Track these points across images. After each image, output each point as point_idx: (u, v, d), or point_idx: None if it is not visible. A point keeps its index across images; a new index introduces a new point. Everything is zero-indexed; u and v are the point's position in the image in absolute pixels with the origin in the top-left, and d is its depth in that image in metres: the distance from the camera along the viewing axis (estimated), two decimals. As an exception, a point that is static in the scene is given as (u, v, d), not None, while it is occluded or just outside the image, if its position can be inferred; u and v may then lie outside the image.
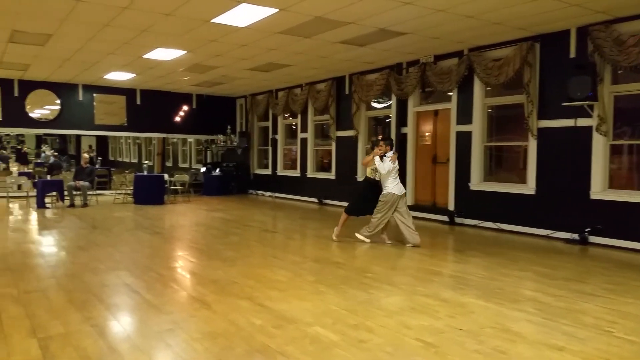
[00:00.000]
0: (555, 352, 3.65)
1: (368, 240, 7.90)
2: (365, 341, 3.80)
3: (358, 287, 5.35)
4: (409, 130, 11.26)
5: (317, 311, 4.49)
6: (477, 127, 9.84)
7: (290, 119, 15.89)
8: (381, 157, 7.72)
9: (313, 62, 11.37)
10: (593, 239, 8.00)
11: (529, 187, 8.94)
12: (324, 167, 14.68)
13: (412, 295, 5.07)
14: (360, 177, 12.64)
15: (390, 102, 11.82)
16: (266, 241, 8.59)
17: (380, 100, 12.39)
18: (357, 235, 8.00)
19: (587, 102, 7.80)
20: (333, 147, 13.62)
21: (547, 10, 7.42)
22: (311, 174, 14.63)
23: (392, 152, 7.80)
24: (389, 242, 7.95)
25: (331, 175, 13.75)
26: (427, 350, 3.66)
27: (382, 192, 7.76)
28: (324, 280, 5.63)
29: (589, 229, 8.02)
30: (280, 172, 16.03)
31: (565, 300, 4.94)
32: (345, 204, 12.81)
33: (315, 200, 14.17)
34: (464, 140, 10.03)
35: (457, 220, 10.07)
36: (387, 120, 12.49)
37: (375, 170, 7.82)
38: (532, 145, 8.85)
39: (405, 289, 5.31)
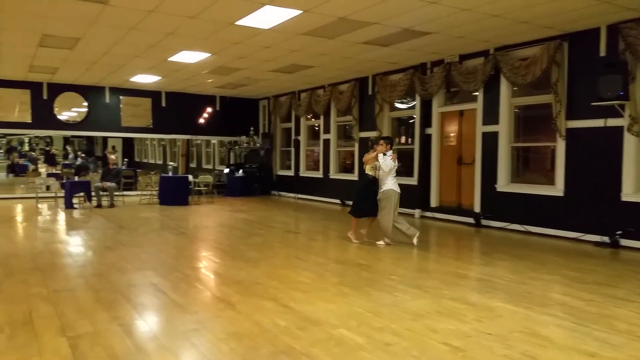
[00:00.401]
0: (587, 358, 3.56)
1: (391, 242, 7.85)
2: (391, 344, 3.76)
3: (383, 289, 5.32)
4: (433, 130, 11.16)
5: (341, 313, 4.47)
6: (503, 128, 9.70)
7: (313, 120, 15.90)
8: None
9: (336, 63, 11.35)
10: (625, 242, 7.81)
11: (557, 189, 8.77)
12: (346, 168, 14.65)
13: (438, 298, 5.01)
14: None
15: (414, 102, 11.74)
16: (289, 242, 8.60)
17: (404, 100, 12.31)
18: (379, 244, 7.92)
19: (617, 101, 7.61)
20: (356, 148, 13.58)
21: (576, 8, 7.27)
22: (334, 175, 14.61)
23: (392, 150, 7.87)
24: (366, 239, 8.01)
25: (354, 177, 13.70)
26: (455, 354, 3.61)
27: (382, 190, 7.76)
28: (347, 282, 5.60)
29: (620, 232, 7.83)
30: (303, 173, 16.05)
31: (597, 305, 4.82)
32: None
33: (337, 201, 14.14)
34: (490, 141, 9.89)
35: (483, 222, 9.93)
36: (410, 121, 12.40)
37: (375, 168, 7.86)
38: (561, 146, 8.68)
39: (431, 292, 5.25)
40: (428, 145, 11.22)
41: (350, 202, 7.59)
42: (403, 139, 13.08)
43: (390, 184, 7.71)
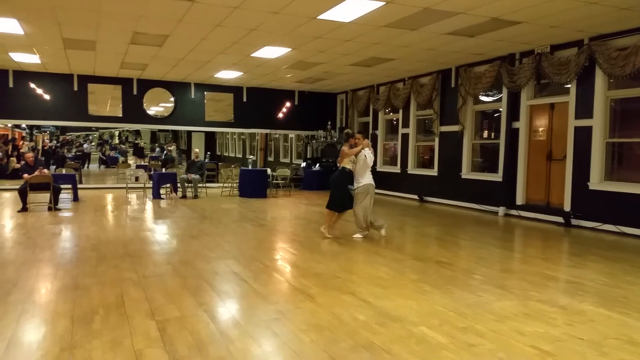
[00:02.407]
0: (697, 373, 3.28)
1: (363, 235, 7.94)
2: (475, 345, 3.65)
3: (465, 288, 5.18)
4: (521, 124, 10.69)
5: (422, 311, 4.39)
6: (598, 122, 9.11)
7: (391, 114, 15.74)
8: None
9: (418, 55, 11.15)
10: None
11: (659, 188, 8.13)
12: (424, 163, 14.39)
13: (525, 300, 4.80)
14: (465, 173, 12.26)
15: (501, 95, 11.31)
16: (367, 237, 8.56)
17: (490, 93, 11.89)
18: (356, 237, 7.92)
19: None
20: (436, 143, 13.30)
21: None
22: (412, 170, 14.40)
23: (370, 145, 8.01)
24: (329, 235, 7.89)
25: (433, 172, 13.44)
26: (544, 359, 3.45)
27: (362, 184, 7.76)
28: (428, 279, 5.50)
29: None
30: (380, 168, 15.93)
31: None
32: (449, 201, 12.66)
33: (415, 197, 13.93)
34: (583, 136, 9.33)
35: (574, 222, 9.41)
36: (495, 115, 11.96)
37: (353, 162, 7.83)
38: (664, 142, 8.03)
39: (517, 293, 5.04)
40: (515, 140, 10.77)
41: (427, 198, 7.47)
42: (486, 134, 12.66)
43: (369, 178, 7.85)
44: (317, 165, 17.43)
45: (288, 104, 17.57)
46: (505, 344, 3.69)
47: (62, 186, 11.38)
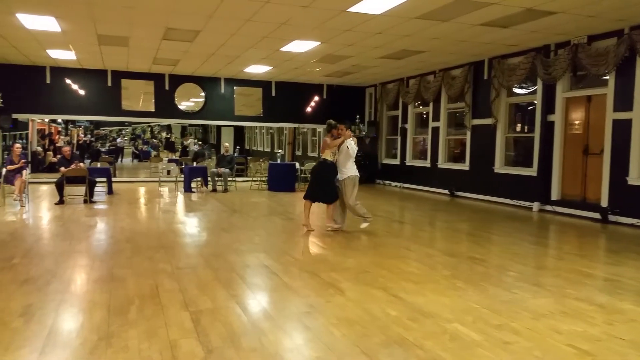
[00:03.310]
0: None
1: (369, 221, 7.97)
2: (510, 343, 3.58)
3: (500, 285, 5.08)
4: (556, 118, 10.43)
5: (455, 307, 4.33)
6: (638, 115, 8.82)
7: (421, 107, 15.56)
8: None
9: (449, 47, 10.98)
10: None
11: (703, 183, 7.83)
12: (455, 157, 14.19)
13: (562, 297, 4.68)
14: (498, 167, 12.05)
15: (535, 87, 11.05)
16: (396, 232, 8.51)
17: (524, 85, 11.64)
18: (363, 227, 7.94)
19: None
20: (468, 137, 13.09)
21: None
22: (442, 164, 14.22)
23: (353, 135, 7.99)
24: (337, 226, 7.91)
25: (464, 166, 13.24)
26: (582, 358, 3.36)
27: (347, 176, 7.72)
28: (460, 275, 5.43)
29: None
30: (409, 162, 15.80)
31: None
32: (481, 196, 12.46)
33: (445, 191, 13.77)
34: (622, 130, 9.05)
35: (611, 217, 9.15)
36: (529, 108, 11.71)
37: (335, 153, 7.76)
38: None
39: (553, 290, 4.92)
40: (550, 134, 10.52)
41: (458, 192, 7.35)
42: (519, 127, 12.41)
43: (354, 169, 7.81)
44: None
45: (316, 98, 17.55)
46: (542, 342, 3.61)
47: (97, 179, 11.64)
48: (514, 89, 11.82)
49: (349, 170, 7.78)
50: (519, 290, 4.89)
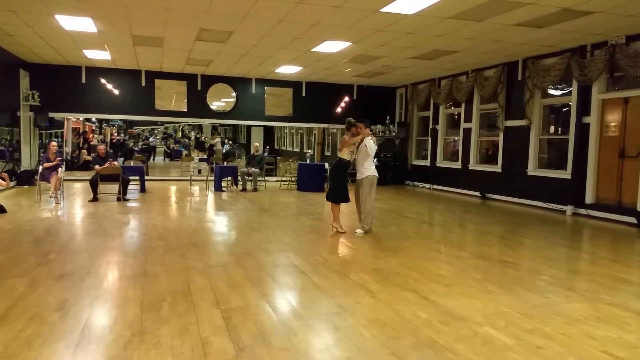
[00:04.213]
0: None
1: (365, 231, 7.75)
2: (543, 348, 3.53)
3: (532, 289, 5.01)
4: (592, 120, 10.20)
5: (487, 311, 4.29)
6: (679, 117, 8.56)
7: (453, 108, 15.41)
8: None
9: (483, 47, 10.85)
10: None
11: None
12: (487, 159, 14.00)
13: (596, 303, 4.59)
14: (531, 170, 11.84)
15: (570, 88, 10.83)
16: (426, 233, 8.45)
17: (558, 86, 11.41)
18: (357, 232, 7.72)
19: None
20: (500, 138, 12.91)
21: None
22: (474, 166, 14.05)
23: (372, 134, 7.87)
24: (342, 230, 7.81)
25: (496, 168, 13.06)
26: (619, 366, 3.29)
27: (365, 176, 7.64)
28: (492, 279, 5.36)
29: None
30: (440, 163, 15.65)
31: None
32: (513, 198, 12.27)
33: (477, 193, 13.59)
34: (661, 132, 8.80)
35: (649, 223, 8.90)
36: (564, 109, 11.48)
37: (353, 152, 7.66)
38: None
39: (587, 295, 4.83)
40: (585, 136, 10.29)
41: (489, 194, 7.26)
42: (553, 129, 12.17)
43: (372, 169, 7.72)
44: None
45: (347, 99, 17.54)
46: (576, 348, 3.54)
47: (130, 178, 11.88)
48: (548, 90, 11.60)
49: (367, 169, 7.73)
50: (552, 295, 4.81)
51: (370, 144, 7.70)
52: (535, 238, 7.99)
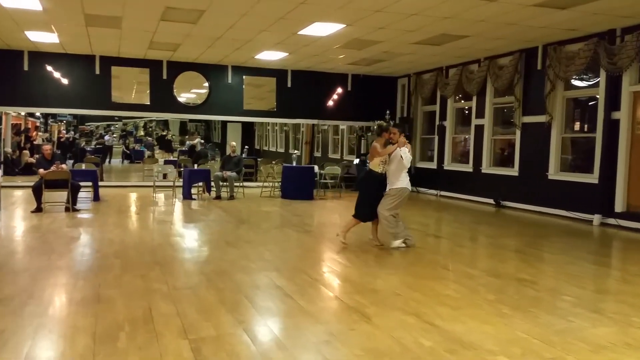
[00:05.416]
0: None
1: (403, 241, 7.76)
2: (565, 380, 3.59)
3: (553, 312, 5.08)
4: (622, 115, 10.37)
5: (500, 337, 4.34)
6: None
7: (463, 101, 15.54)
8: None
9: (497, 31, 10.98)
10: None
11: None
12: (502, 161, 14.14)
13: (627, 327, 4.67)
14: (553, 173, 11.97)
15: (598, 79, 10.99)
16: (432, 248, 8.53)
17: (584, 77, 11.57)
18: (393, 245, 7.72)
19: None
20: (517, 137, 13.05)
21: None
22: (487, 169, 14.18)
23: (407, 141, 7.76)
24: (345, 242, 7.91)
25: (513, 172, 13.19)
26: (652, 400, 3.35)
27: (397, 187, 7.59)
28: (507, 300, 5.43)
29: None
30: (448, 165, 15.77)
31: None
32: (532, 207, 12.38)
33: (490, 201, 13.71)
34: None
35: (689, 235, 9.05)
36: (590, 103, 11.64)
37: (385, 163, 7.64)
38: None
39: (616, 318, 4.91)
40: (614, 134, 10.45)
41: (505, 202, 7.38)
42: (578, 126, 12.33)
43: (405, 181, 7.68)
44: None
45: (339, 90, 17.62)
46: (603, 381, 3.61)
47: (81, 184, 11.80)
48: (572, 81, 11.75)
49: (400, 181, 7.66)
50: (576, 318, 4.88)
51: (406, 154, 7.58)
52: (557, 252, 8.09)
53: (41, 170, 10.80)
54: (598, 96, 11.01)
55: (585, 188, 11.14)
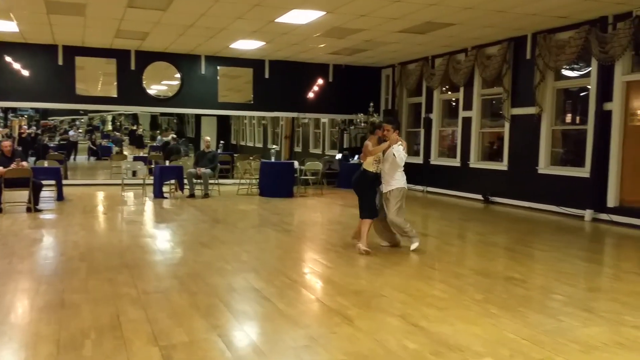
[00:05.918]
0: None
1: (416, 243, 7.75)
2: (555, 382, 3.64)
3: (543, 311, 5.15)
4: (614, 106, 10.50)
5: (488, 338, 4.39)
6: None
7: (449, 93, 15.64)
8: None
9: (485, 19, 11.05)
10: None
11: None
12: (491, 154, 14.26)
13: (618, 326, 4.75)
14: (543, 167, 12.10)
15: (589, 69, 11.12)
16: (419, 246, 8.56)
17: (575, 66, 11.70)
18: (413, 248, 7.72)
19: None
20: (506, 129, 13.17)
21: None
22: (475, 163, 14.29)
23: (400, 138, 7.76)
24: (385, 243, 7.98)
25: (502, 166, 13.31)
26: (644, 402, 3.42)
27: (394, 187, 7.61)
28: (495, 299, 5.49)
29: None
30: (434, 160, 15.87)
31: None
32: (521, 202, 12.51)
33: (479, 197, 13.82)
34: (696, 120, 9.11)
35: (683, 230, 9.21)
36: (582, 94, 11.77)
37: (379, 162, 7.64)
38: None
39: (608, 317, 4.99)
40: (607, 126, 10.58)
41: (494, 198, 7.43)
42: (569, 117, 12.46)
43: (401, 180, 7.72)
44: (356, 157, 17.42)
45: (320, 81, 17.63)
46: (594, 382, 3.67)
47: (43, 182, 11.69)
48: (562, 70, 11.88)
49: (396, 181, 7.70)
50: (566, 317, 4.96)
51: (400, 151, 7.55)
52: (547, 249, 8.19)
53: (0, 168, 10.69)
54: (589, 86, 11.13)
55: (576, 182, 11.28)
